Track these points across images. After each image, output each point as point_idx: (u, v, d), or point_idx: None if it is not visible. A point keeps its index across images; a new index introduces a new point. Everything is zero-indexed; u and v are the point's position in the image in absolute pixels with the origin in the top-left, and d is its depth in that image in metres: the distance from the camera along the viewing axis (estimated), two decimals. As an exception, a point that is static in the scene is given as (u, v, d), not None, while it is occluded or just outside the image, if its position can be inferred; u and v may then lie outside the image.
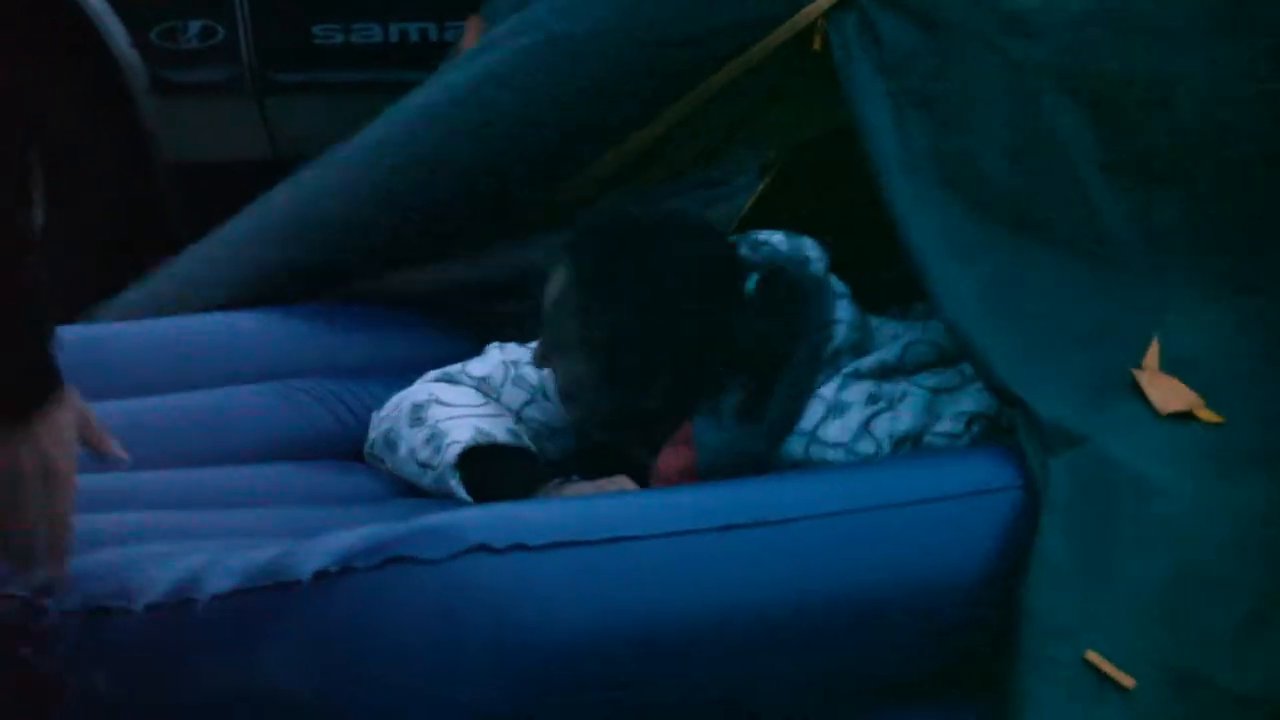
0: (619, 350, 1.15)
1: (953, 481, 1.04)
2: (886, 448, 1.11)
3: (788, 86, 1.31)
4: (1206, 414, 1.06)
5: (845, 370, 1.15)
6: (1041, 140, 1.12)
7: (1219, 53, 1.12)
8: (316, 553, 0.82)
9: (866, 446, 1.11)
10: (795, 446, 1.13)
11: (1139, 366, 1.06)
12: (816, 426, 1.13)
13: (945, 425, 1.13)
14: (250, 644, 0.81)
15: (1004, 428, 1.09)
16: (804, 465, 1.13)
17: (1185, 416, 1.05)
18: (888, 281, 1.29)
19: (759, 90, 1.30)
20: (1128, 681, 0.94)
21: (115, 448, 0.80)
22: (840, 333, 1.17)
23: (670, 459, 1.15)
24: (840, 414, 1.13)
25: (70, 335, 0.79)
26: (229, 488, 1.18)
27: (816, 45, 1.16)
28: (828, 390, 1.14)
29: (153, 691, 0.84)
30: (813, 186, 1.53)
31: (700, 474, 1.12)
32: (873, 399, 1.13)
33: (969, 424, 1.12)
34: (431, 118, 1.38)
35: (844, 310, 1.19)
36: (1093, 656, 0.94)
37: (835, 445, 1.12)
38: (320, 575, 0.80)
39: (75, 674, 0.82)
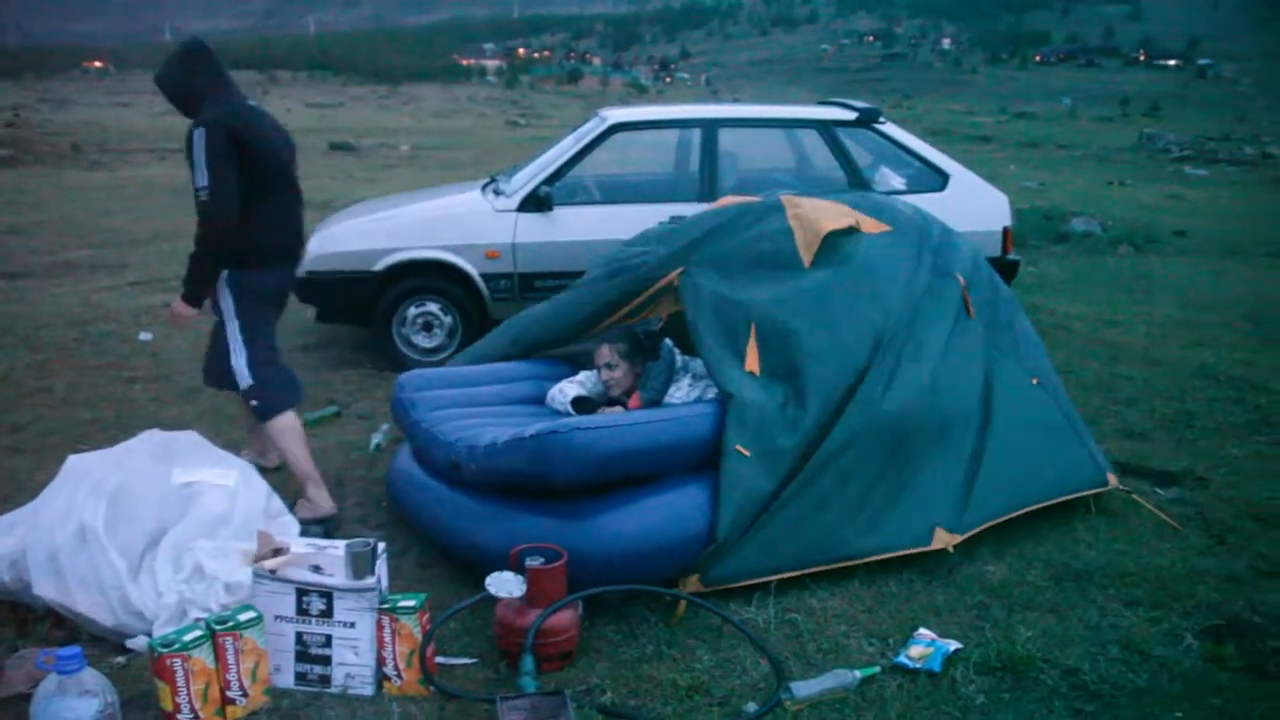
0: (632, 356, 4.08)
1: (711, 406, 3.47)
2: (693, 399, 3.80)
3: (662, 299, 4.04)
4: (757, 365, 3.54)
5: (679, 374, 3.95)
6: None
7: None
8: (530, 430, 3.25)
9: (688, 399, 3.84)
10: (669, 397, 3.88)
11: (745, 351, 3.59)
12: (671, 391, 3.89)
13: (710, 394, 3.74)
14: (510, 456, 3.27)
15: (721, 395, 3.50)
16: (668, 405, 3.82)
17: (756, 370, 3.54)
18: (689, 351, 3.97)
19: (653, 300, 4.06)
20: (746, 452, 3.28)
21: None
22: (677, 361, 3.99)
23: (633, 402, 3.99)
24: (679, 389, 3.89)
25: (452, 369, 4.43)
26: (503, 411, 3.99)
27: (675, 283, 3.92)
28: (678, 382, 3.92)
29: (486, 474, 3.38)
30: (672, 324, 4.30)
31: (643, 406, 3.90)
32: (694, 384, 3.89)
33: (717, 394, 3.56)
34: (573, 300, 4.32)
35: (678, 356, 4.01)
36: (739, 448, 3.29)
37: (679, 400, 3.83)
38: (532, 436, 3.20)
39: (462, 471, 3.47)
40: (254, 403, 3.85)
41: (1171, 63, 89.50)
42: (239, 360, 3.82)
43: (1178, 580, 3.39)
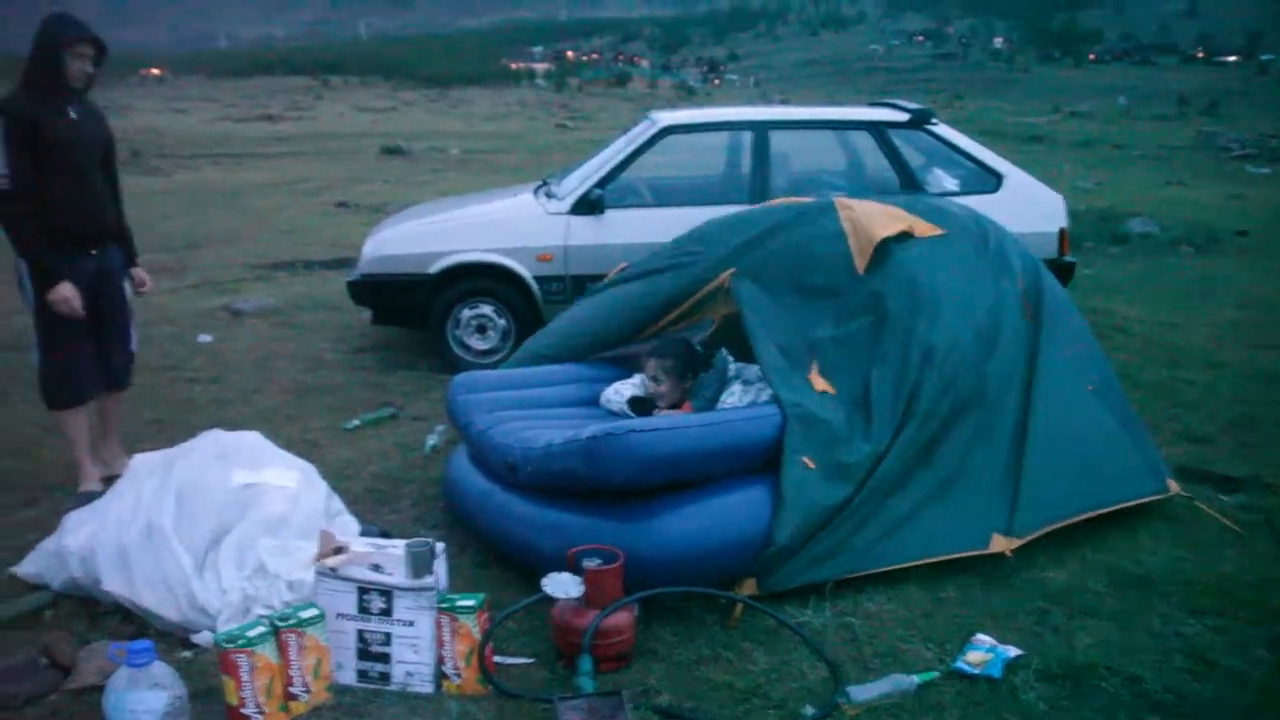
0: (680, 373, 4.05)
1: (768, 409, 3.44)
2: (745, 404, 3.82)
3: (715, 301, 4.04)
4: (825, 386, 3.51)
5: (730, 381, 4.03)
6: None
7: None
8: (586, 431, 3.25)
9: (741, 403, 3.87)
10: (721, 404, 3.95)
11: (809, 375, 3.56)
12: (723, 398, 3.96)
13: (763, 397, 3.69)
14: (566, 458, 3.25)
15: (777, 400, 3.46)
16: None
17: (824, 390, 3.51)
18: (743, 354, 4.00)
19: (706, 302, 4.07)
20: (811, 464, 3.27)
21: None
22: (730, 370, 4.06)
23: (686, 408, 3.96)
24: (730, 395, 3.95)
25: (506, 371, 4.47)
26: (558, 412, 4.00)
27: (726, 285, 3.96)
28: (729, 389, 3.99)
29: (542, 476, 3.37)
30: (726, 328, 4.32)
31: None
32: (745, 389, 3.95)
33: (770, 397, 3.49)
34: (623, 301, 4.34)
35: (731, 364, 4.08)
36: (805, 460, 3.28)
37: (731, 405, 3.87)
38: (588, 438, 3.20)
39: (518, 473, 3.47)
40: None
41: (1231, 59, 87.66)
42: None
43: (1245, 588, 3.32)
